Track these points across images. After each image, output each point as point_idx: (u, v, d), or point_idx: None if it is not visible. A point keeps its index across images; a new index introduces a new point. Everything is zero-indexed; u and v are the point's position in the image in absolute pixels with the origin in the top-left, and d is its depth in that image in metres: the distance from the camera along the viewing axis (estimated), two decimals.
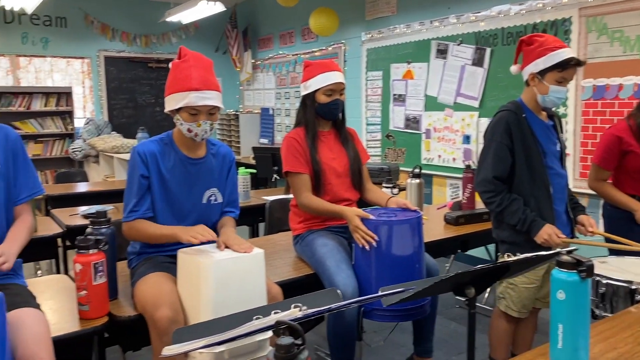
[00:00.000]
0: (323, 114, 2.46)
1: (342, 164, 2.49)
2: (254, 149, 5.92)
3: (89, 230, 1.86)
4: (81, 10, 7.07)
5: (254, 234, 4.20)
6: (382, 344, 3.15)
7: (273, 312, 1.40)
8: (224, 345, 1.65)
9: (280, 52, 7.22)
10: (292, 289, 2.12)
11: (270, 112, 7.48)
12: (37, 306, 1.66)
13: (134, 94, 7.68)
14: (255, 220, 4.00)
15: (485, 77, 4.46)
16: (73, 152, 6.76)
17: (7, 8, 5.76)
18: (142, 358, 2.96)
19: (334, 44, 6.21)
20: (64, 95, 7.00)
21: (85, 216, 3.11)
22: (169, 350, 1.32)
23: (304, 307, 1.33)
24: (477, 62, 4.53)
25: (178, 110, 1.97)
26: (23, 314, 1.55)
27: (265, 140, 7.55)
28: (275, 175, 5.39)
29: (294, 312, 1.33)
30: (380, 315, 2.13)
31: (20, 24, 6.74)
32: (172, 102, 1.98)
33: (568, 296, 1.29)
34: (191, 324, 1.62)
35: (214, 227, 2.14)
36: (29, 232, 1.82)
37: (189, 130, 1.98)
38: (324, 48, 6.38)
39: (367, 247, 2.10)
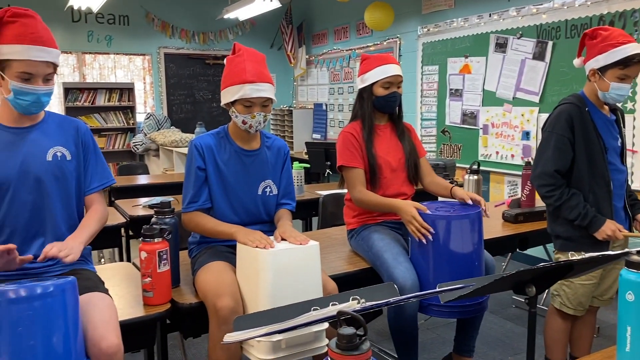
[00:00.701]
0: (380, 107, 2.46)
1: (397, 158, 2.47)
2: (307, 144, 5.96)
3: (153, 220, 1.93)
4: (143, 9, 7.32)
5: (307, 227, 4.24)
6: (428, 339, 3.12)
7: (331, 303, 1.41)
8: (281, 334, 1.68)
9: (335, 48, 7.23)
10: (347, 283, 2.13)
11: (324, 107, 7.51)
12: (106, 291, 1.74)
13: (192, 90, 7.89)
14: (308, 214, 4.04)
15: (546, 71, 4.32)
16: (134, 145, 7.01)
17: (75, 7, 6.02)
18: (199, 345, 3.06)
19: (388, 39, 6.16)
20: (126, 90, 7.27)
21: (150, 206, 3.22)
22: (230, 337, 1.36)
23: (362, 300, 1.34)
24: (538, 56, 4.39)
25: (233, 103, 2.03)
26: (93, 298, 1.63)
27: (317, 136, 7.59)
28: (328, 170, 5.41)
29: (352, 304, 1.34)
30: (436, 311, 2.11)
31: (86, 23, 7.04)
32: (227, 95, 2.04)
33: (638, 297, 1.24)
34: (251, 313, 1.65)
35: (270, 219, 2.19)
36: (100, 221, 1.89)
37: (244, 122, 2.03)
38: (379, 42, 6.34)
39: (423, 240, 2.08)
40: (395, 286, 1.63)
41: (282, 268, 1.73)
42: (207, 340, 3.09)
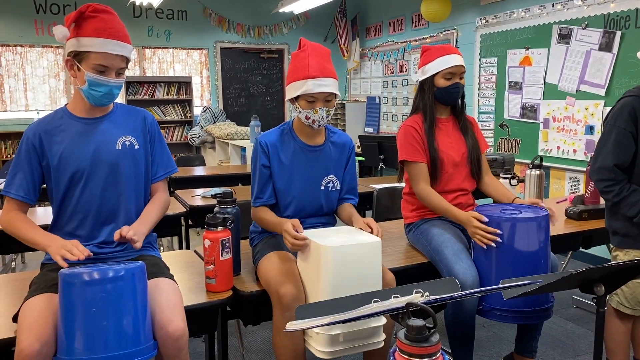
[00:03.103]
0: (442, 99, 2.41)
1: (460, 152, 2.42)
2: (361, 137, 5.94)
3: (216, 209, 1.97)
4: (200, 4, 7.47)
5: None
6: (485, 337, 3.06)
7: (393, 296, 1.41)
8: (341, 328, 1.69)
9: (389, 40, 7.16)
10: (404, 277, 2.12)
11: (377, 100, 7.45)
12: (172, 277, 1.79)
13: (247, 84, 8.01)
14: (362, 207, 4.03)
15: (613, 63, 4.13)
16: (191, 138, 7.19)
17: (137, 3, 6.22)
18: (254, 333, 3.12)
19: (445, 30, 6.04)
20: (184, 84, 7.46)
21: (213, 196, 3.29)
22: (292, 325, 1.38)
23: (426, 293, 1.33)
24: (605, 47, 4.20)
25: (297, 98, 2.04)
26: (160, 283, 1.69)
27: (370, 129, 7.55)
28: (381, 164, 5.38)
29: (415, 297, 1.33)
30: (500, 315, 2.05)
31: (147, 18, 7.26)
32: (291, 91, 2.05)
33: None
34: (313, 302, 1.67)
35: (330, 212, 2.21)
36: (162, 209, 1.95)
37: (307, 118, 2.04)
38: (435, 35, 6.23)
39: (492, 244, 2.04)
40: (457, 282, 1.61)
41: (343, 263, 1.74)
42: (262, 328, 3.14)
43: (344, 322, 1.27)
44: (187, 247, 3.55)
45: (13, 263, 4.34)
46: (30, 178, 1.80)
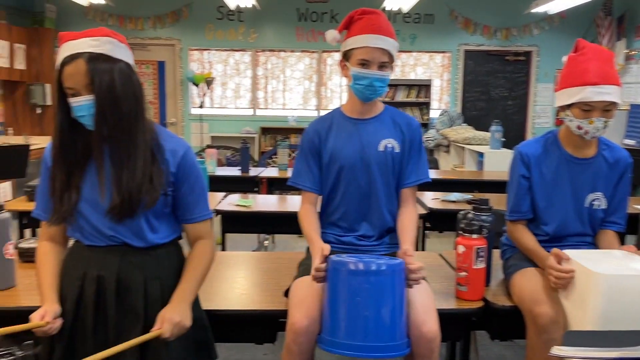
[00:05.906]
0: None
1: None
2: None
3: (471, 215, 1.93)
4: (447, 7, 7.46)
5: None
6: None
7: None
8: None
9: None
10: None
11: None
12: (424, 278, 1.81)
13: (488, 87, 7.75)
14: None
15: None
16: (426, 140, 7.25)
17: (388, 8, 6.49)
18: (487, 348, 2.99)
19: None
20: (424, 87, 7.55)
21: (469, 202, 3.25)
22: (559, 350, 1.27)
23: None
24: None
25: (569, 105, 1.87)
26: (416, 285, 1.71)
27: (632, 142, 6.63)
28: None
29: None
30: None
31: (395, 22, 7.51)
32: (563, 97, 1.89)
33: None
34: (586, 330, 1.52)
35: (593, 233, 1.99)
36: (416, 221, 1.95)
37: (579, 128, 1.86)
38: None
39: None
40: None
41: (617, 294, 1.53)
42: (496, 344, 3.00)
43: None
44: (423, 249, 3.57)
45: (266, 242, 4.91)
46: (313, 171, 1.98)
